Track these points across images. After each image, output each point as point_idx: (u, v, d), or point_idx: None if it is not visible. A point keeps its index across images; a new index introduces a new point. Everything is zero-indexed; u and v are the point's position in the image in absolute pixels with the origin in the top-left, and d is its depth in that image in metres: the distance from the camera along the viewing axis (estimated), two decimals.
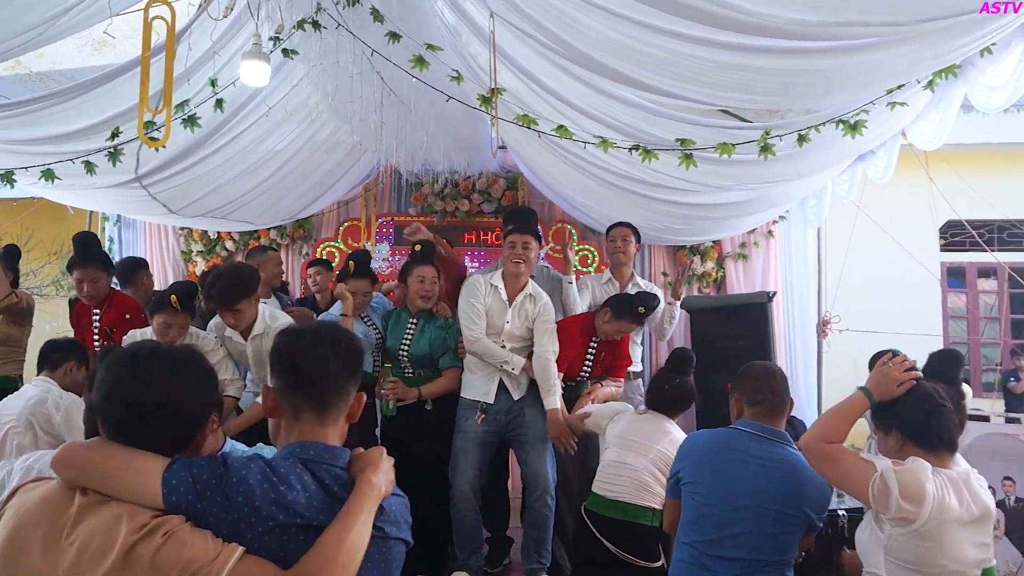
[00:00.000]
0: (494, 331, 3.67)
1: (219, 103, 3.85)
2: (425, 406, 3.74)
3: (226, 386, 3.53)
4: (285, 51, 3.63)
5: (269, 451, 1.62)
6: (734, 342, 4.88)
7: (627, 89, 3.73)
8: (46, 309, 6.67)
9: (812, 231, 5.78)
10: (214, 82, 3.77)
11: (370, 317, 3.95)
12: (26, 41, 3.07)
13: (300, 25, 3.34)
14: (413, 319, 3.82)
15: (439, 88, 3.55)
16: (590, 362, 3.83)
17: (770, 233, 5.98)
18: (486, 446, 3.67)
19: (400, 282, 4.03)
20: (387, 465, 1.45)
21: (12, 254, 4.46)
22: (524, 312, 3.69)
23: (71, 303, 4.32)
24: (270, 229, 6.33)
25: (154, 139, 3.49)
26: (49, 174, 4.02)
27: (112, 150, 3.93)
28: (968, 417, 4.05)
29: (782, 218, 5.86)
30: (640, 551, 2.83)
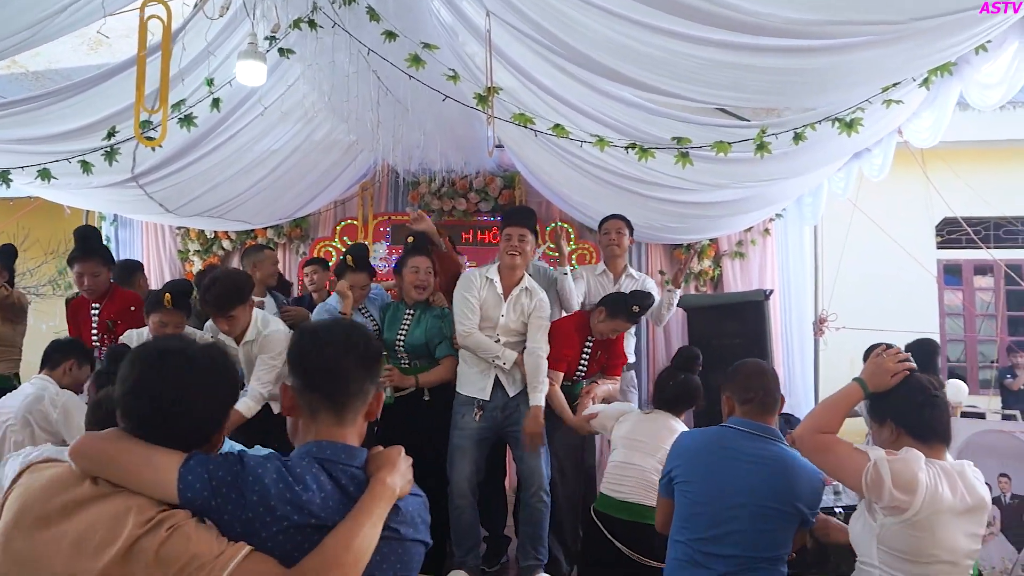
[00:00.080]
0: (489, 324, 3.66)
1: (215, 102, 3.86)
2: (423, 397, 3.74)
3: None
4: (281, 50, 3.63)
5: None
6: (731, 340, 4.90)
7: (624, 88, 3.73)
8: (43, 309, 6.68)
9: (808, 229, 5.78)
10: (210, 81, 3.77)
11: (367, 309, 3.96)
12: (22, 40, 3.06)
13: (296, 24, 3.35)
14: (410, 310, 3.83)
15: (435, 87, 3.55)
16: (586, 361, 3.84)
17: (767, 231, 5.97)
18: (482, 442, 3.67)
19: (395, 275, 4.04)
20: (404, 465, 1.42)
21: (8, 253, 4.44)
22: (520, 306, 3.69)
23: (67, 302, 4.31)
24: (267, 228, 6.32)
25: (150, 138, 3.49)
26: (45, 173, 4.02)
27: (108, 149, 3.93)
28: (963, 414, 4.07)
29: (779, 216, 5.86)
30: (650, 551, 2.83)
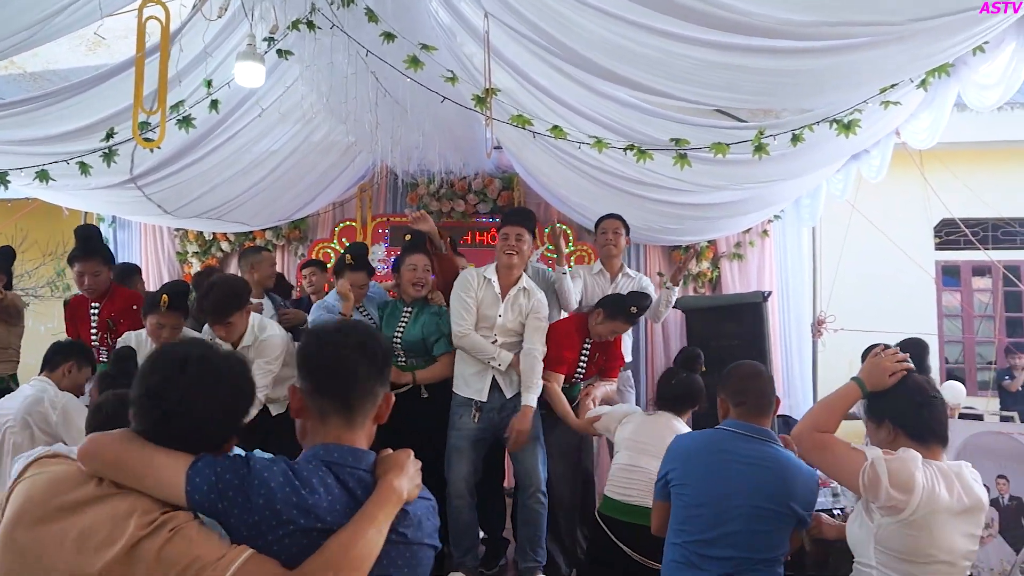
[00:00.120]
0: (487, 324, 3.65)
1: (214, 104, 3.86)
2: (421, 394, 3.74)
3: None
4: (280, 51, 3.63)
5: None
6: (729, 342, 4.90)
7: (621, 89, 3.74)
8: (41, 310, 6.66)
9: (807, 230, 5.79)
10: (209, 83, 3.77)
11: (365, 307, 3.96)
12: (20, 41, 3.07)
13: (295, 25, 3.35)
14: (408, 308, 3.82)
15: (434, 89, 3.56)
16: (584, 362, 3.84)
17: (765, 232, 5.98)
18: (479, 443, 3.67)
19: (394, 273, 4.04)
20: (413, 468, 1.40)
21: (6, 255, 4.43)
22: (517, 306, 3.68)
23: (65, 304, 4.30)
24: (265, 230, 6.32)
25: (149, 140, 3.48)
26: (44, 175, 4.01)
27: (107, 151, 3.93)
28: (962, 416, 4.08)
29: (777, 217, 5.87)
30: (657, 554, 2.83)
